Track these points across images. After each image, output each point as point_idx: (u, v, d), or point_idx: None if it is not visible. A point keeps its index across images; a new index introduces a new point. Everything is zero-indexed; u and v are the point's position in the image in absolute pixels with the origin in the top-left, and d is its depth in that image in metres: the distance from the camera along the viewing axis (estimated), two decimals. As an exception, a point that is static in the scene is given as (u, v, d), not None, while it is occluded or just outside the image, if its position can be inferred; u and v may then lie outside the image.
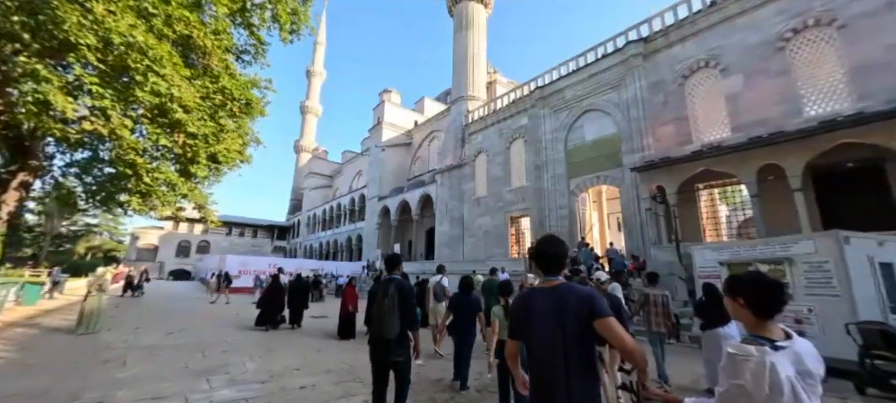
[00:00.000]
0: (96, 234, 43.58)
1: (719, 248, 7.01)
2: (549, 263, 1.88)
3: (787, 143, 9.22)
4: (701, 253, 7.29)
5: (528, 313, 1.81)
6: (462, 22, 26.35)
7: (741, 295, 1.43)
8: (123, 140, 9.55)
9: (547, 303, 1.77)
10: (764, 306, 1.38)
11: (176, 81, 9.61)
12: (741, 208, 12.44)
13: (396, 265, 3.48)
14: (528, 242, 18.29)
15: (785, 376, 1.19)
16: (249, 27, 12.21)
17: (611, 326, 1.64)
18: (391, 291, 3.15)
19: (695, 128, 12.90)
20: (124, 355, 5.71)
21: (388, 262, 3.54)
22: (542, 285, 1.88)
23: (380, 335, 3.09)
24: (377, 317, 3.13)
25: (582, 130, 16.37)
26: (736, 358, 1.29)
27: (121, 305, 13.07)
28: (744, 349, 1.29)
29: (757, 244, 6.47)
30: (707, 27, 12.89)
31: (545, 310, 1.76)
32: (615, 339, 1.62)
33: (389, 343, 3.08)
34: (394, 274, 3.40)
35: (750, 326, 1.42)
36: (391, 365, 3.16)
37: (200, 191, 13.53)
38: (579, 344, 1.69)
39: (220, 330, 8.63)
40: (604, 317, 1.65)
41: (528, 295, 1.93)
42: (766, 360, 1.22)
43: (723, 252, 6.84)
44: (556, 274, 1.87)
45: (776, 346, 1.27)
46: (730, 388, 1.29)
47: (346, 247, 37.85)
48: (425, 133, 33.25)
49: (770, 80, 11.40)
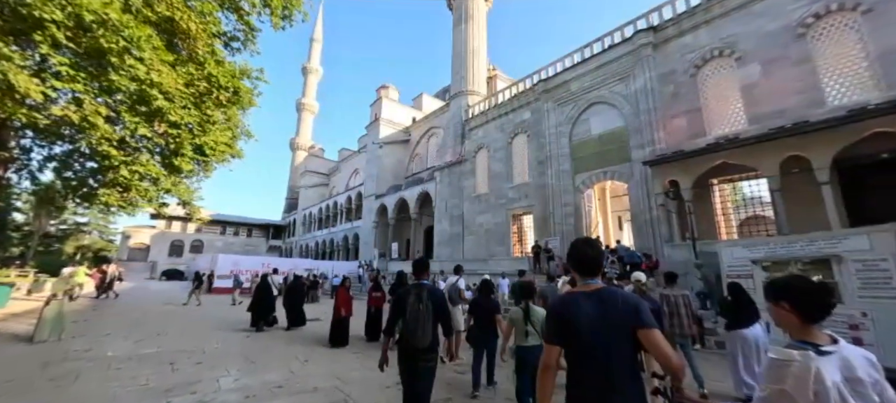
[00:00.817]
0: (86, 233, 42.54)
1: (752, 245, 6.35)
2: (587, 266, 1.82)
3: (815, 134, 8.60)
4: (730, 251, 6.64)
5: (571, 318, 1.71)
6: (462, 15, 25.66)
7: (786, 299, 1.39)
8: (97, 129, 8.77)
9: (590, 308, 1.69)
10: (811, 310, 1.34)
11: (156, 66, 8.88)
12: (743, 205, 11.89)
13: (425, 269, 3.36)
14: (531, 240, 17.64)
15: (831, 382, 1.16)
16: (238, 12, 11.43)
17: (655, 339, 1.59)
18: (425, 298, 3.05)
19: (708, 121, 12.29)
20: (80, 368, 4.97)
21: (417, 266, 3.38)
22: (581, 289, 1.80)
23: (414, 346, 2.97)
24: (411, 326, 2.99)
25: (588, 124, 15.72)
26: (778, 363, 1.27)
27: (99, 307, 12.27)
28: (786, 353, 1.27)
29: (796, 240, 5.82)
30: (722, 14, 12.28)
31: (589, 316, 1.67)
32: (659, 353, 1.57)
33: (421, 352, 3.00)
34: (422, 278, 3.28)
35: (794, 332, 1.37)
36: (419, 370, 3.05)
37: (186, 186, 12.75)
38: (625, 352, 1.63)
39: (201, 334, 7.88)
40: (649, 328, 1.60)
41: (569, 298, 1.82)
42: (810, 365, 1.19)
43: (756, 249, 6.19)
44: (594, 278, 1.81)
45: (821, 351, 1.24)
46: (771, 394, 1.26)
47: (342, 247, 37.07)
48: (424, 129, 32.53)
49: (789, 69, 10.80)
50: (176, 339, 7.21)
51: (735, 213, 12.13)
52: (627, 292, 1.84)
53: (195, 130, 10.97)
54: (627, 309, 1.64)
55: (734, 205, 12.17)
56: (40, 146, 12.17)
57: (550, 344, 1.80)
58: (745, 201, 11.93)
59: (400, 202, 27.90)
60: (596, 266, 1.81)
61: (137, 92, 8.97)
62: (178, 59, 10.31)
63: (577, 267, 1.84)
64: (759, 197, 11.33)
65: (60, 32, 7.68)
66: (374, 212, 30.27)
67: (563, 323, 1.74)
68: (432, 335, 3.03)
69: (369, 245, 30.24)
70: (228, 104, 11.47)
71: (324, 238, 40.60)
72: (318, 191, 49.03)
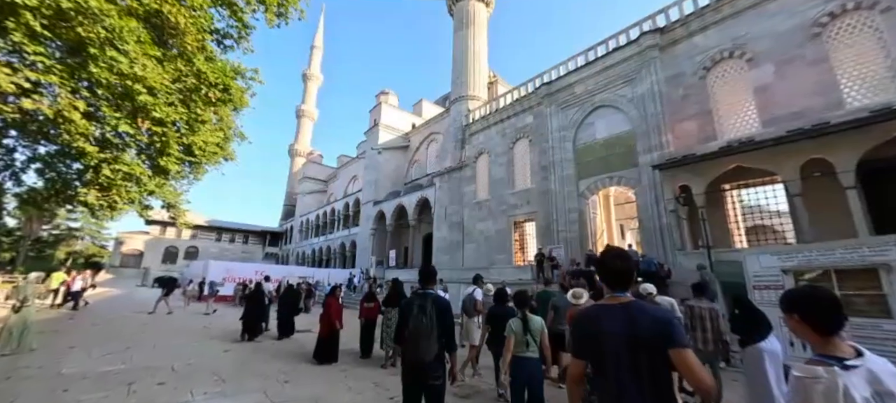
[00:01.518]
0: (78, 239, 41.75)
1: (782, 253, 5.77)
2: (617, 278, 1.74)
3: (839, 135, 8.08)
4: (756, 259, 6.06)
5: (597, 332, 1.66)
6: (463, 20, 25.43)
7: (796, 310, 1.38)
8: (72, 124, 8.24)
9: (618, 323, 1.62)
10: (821, 322, 1.31)
11: (140, 59, 8.39)
12: (750, 212, 11.37)
13: (432, 278, 3.19)
14: (533, 248, 17.02)
15: (861, 398, 1.14)
16: (231, 7, 10.99)
17: (688, 360, 1.50)
18: (429, 308, 2.88)
19: (719, 124, 11.81)
20: (20, 390, 4.33)
21: (423, 275, 3.23)
22: (609, 302, 1.73)
23: (417, 359, 2.79)
24: (413, 338, 2.82)
25: (592, 128, 15.24)
26: (804, 381, 1.23)
27: (78, 317, 11.55)
28: (812, 371, 1.24)
29: (834, 247, 5.24)
30: (732, 14, 11.89)
31: (617, 331, 1.60)
32: (692, 376, 1.48)
33: (426, 366, 2.80)
34: (429, 288, 3.11)
35: (816, 345, 1.34)
36: (425, 389, 2.85)
37: (172, 189, 12.18)
38: (656, 369, 1.55)
39: (176, 348, 7.21)
40: (681, 348, 1.51)
41: (596, 311, 1.77)
42: (838, 382, 1.17)
43: (788, 257, 5.60)
44: (623, 290, 1.73)
45: (846, 365, 1.21)
46: None
47: (339, 254, 36.34)
48: (423, 135, 32.11)
49: (805, 70, 10.35)
50: (146, 354, 6.53)
51: (742, 221, 11.59)
52: (659, 307, 1.79)
53: (183, 129, 10.46)
54: (659, 326, 1.55)
55: (743, 212, 11.63)
56: (24, 146, 11.60)
57: (577, 358, 1.78)
58: (751, 209, 11.41)
59: (398, 208, 27.31)
60: (627, 278, 1.73)
61: (119, 85, 8.46)
62: (166, 54, 9.85)
63: (606, 280, 1.76)
64: (766, 204, 10.81)
65: (36, 20, 7.21)
66: (372, 219, 29.65)
67: (590, 338, 1.68)
68: (438, 348, 2.83)
69: (367, 252, 29.55)
70: (219, 102, 10.99)
71: (321, 245, 39.89)
72: (316, 198, 48.43)
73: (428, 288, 3.10)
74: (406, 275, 22.55)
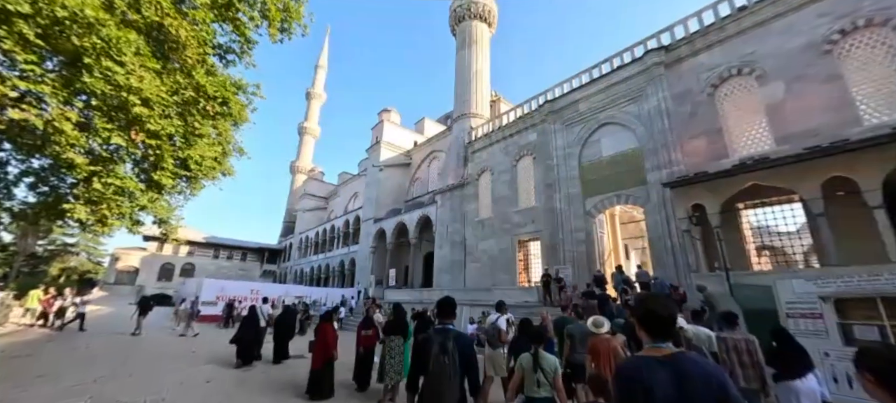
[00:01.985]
0: (73, 254, 41.05)
1: (819, 278, 5.28)
2: (661, 327, 1.61)
3: (862, 152, 7.72)
4: (789, 285, 5.57)
5: (648, 393, 1.45)
6: (465, 39, 25.70)
7: (869, 370, 1.30)
8: (63, 135, 7.93)
9: (666, 382, 1.45)
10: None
11: (137, 71, 8.18)
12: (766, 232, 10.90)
13: (451, 312, 2.85)
14: (538, 269, 16.44)
15: None
16: (234, 22, 10.89)
17: None
18: (451, 348, 2.56)
19: (730, 141, 11.50)
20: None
21: (442, 309, 2.87)
22: (652, 354, 1.57)
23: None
24: (434, 383, 2.51)
25: (598, 145, 14.97)
26: None
27: (57, 339, 10.92)
28: None
29: (882, 270, 4.77)
30: (737, 33, 11.79)
31: (666, 392, 1.43)
32: None
33: None
34: (448, 322, 2.79)
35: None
36: None
37: (166, 204, 11.80)
38: None
39: (155, 376, 6.62)
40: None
41: (640, 367, 1.55)
42: None
43: (825, 282, 5.12)
44: (666, 341, 1.58)
45: None
46: None
47: (338, 272, 35.58)
48: (425, 153, 31.98)
49: (817, 87, 10.12)
50: (119, 384, 5.96)
51: (755, 241, 11.10)
52: (708, 362, 1.64)
53: (179, 142, 10.17)
54: (712, 389, 1.43)
55: (760, 232, 11.16)
56: (18, 159, 11.29)
57: None
58: (765, 229, 10.93)
59: (399, 226, 26.82)
60: (670, 328, 1.62)
61: (114, 96, 8.20)
62: (166, 67, 9.66)
63: (649, 329, 1.64)
64: (783, 224, 10.35)
65: (30, 29, 7.02)
66: (372, 237, 29.12)
67: (639, 395, 1.50)
68: (460, 392, 2.53)
69: (366, 271, 28.86)
70: (217, 116, 10.77)
71: (319, 263, 39.16)
72: (316, 215, 47.99)
73: (447, 322, 2.76)
74: (406, 296, 21.82)
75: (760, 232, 10.70)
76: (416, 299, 20.03)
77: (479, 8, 26.09)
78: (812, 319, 5.18)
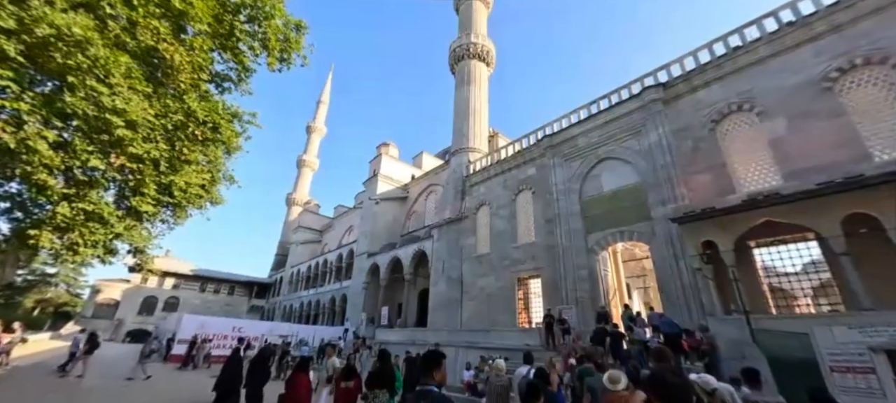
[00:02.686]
0: (51, 286, 39.20)
1: (866, 326, 4.63)
2: (678, 398, 1.64)
3: (880, 188, 7.34)
4: (828, 334, 4.90)
5: None
6: (464, 78, 26.31)
7: None
8: (36, 155, 7.46)
9: None
10: None
11: (124, 93, 7.87)
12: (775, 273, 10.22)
13: (437, 365, 2.47)
14: (539, 307, 15.51)
15: None
16: (234, 51, 10.83)
17: None
18: None
19: (735, 176, 11.19)
20: None
21: (426, 363, 2.52)
22: None
23: None
24: None
25: (599, 180, 14.66)
26: None
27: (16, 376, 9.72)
28: None
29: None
30: (734, 70, 11.88)
31: None
32: None
33: None
34: (430, 383, 2.38)
35: None
36: None
37: (146, 231, 11.12)
38: None
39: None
40: None
41: None
42: None
43: (875, 331, 4.46)
44: None
45: None
46: None
47: (328, 309, 33.96)
48: (422, 187, 31.71)
49: (821, 123, 9.96)
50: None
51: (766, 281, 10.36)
52: None
53: (163, 167, 9.68)
54: None
55: (770, 272, 10.46)
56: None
57: None
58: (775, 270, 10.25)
59: (393, 261, 25.89)
60: (689, 396, 1.66)
61: (96, 118, 7.81)
62: (157, 91, 9.39)
63: (661, 399, 1.65)
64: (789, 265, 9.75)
65: (11, 44, 6.74)
66: (366, 272, 28.04)
67: None
68: None
69: (357, 307, 27.49)
70: (206, 142, 10.39)
71: (310, 298, 37.52)
72: (310, 248, 46.80)
73: (428, 384, 2.35)
74: (397, 336, 20.48)
75: (776, 272, 10.06)
76: (408, 340, 18.76)
77: (478, 48, 26.98)
78: (862, 374, 4.45)
